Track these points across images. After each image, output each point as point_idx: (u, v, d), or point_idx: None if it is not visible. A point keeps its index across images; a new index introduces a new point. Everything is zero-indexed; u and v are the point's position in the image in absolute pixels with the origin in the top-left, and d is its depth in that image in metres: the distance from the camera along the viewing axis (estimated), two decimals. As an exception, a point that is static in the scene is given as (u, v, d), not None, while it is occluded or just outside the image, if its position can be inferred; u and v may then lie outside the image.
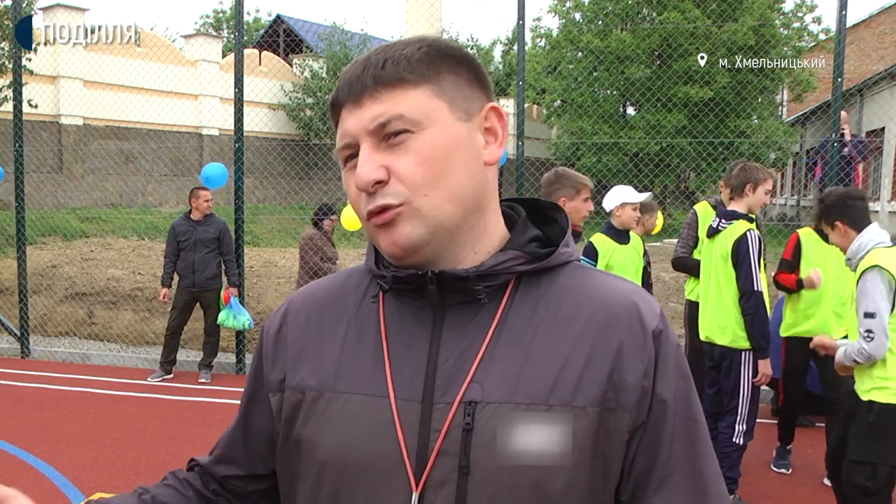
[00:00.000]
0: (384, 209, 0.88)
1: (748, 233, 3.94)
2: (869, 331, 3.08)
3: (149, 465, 4.73)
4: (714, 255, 4.12)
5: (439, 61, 0.91)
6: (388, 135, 0.88)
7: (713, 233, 4.16)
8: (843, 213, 3.35)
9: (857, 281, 3.21)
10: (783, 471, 4.74)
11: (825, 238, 4.48)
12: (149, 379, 6.99)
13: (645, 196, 4.47)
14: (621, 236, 4.31)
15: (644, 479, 0.91)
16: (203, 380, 6.93)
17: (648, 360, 0.90)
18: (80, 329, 8.97)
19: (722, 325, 4.04)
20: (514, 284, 0.94)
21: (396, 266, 0.94)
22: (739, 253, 3.93)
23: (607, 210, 4.55)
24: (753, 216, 4.13)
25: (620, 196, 4.42)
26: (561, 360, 0.89)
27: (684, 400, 0.92)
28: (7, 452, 4.93)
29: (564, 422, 0.86)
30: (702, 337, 4.22)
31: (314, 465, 0.94)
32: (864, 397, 3.19)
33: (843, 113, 6.37)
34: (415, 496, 0.87)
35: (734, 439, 4.00)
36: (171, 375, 7.07)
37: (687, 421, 0.92)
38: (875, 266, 3.13)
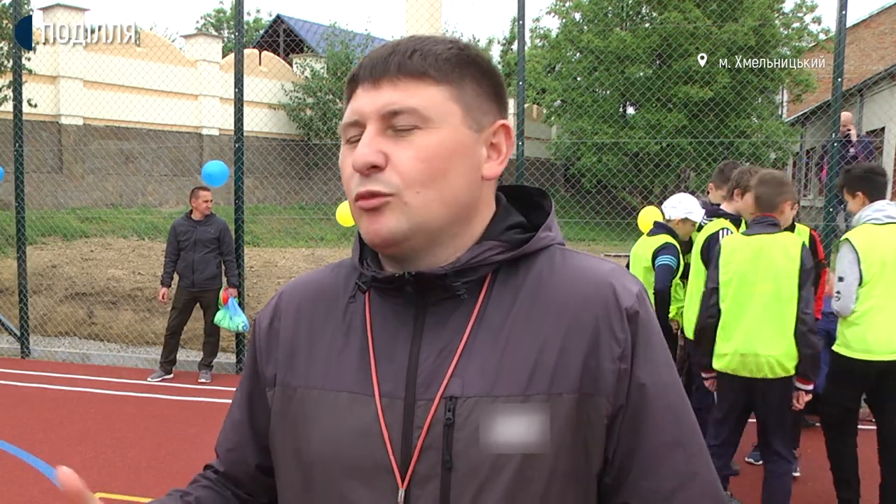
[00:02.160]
0: (373, 195, 0.88)
1: (721, 231, 3.97)
2: (838, 292, 3.71)
3: (149, 465, 4.73)
4: (694, 252, 4.17)
5: (466, 67, 0.92)
6: (396, 124, 0.88)
7: (699, 229, 4.27)
8: (865, 184, 3.83)
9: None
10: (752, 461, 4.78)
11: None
12: (149, 379, 6.99)
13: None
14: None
15: (628, 463, 0.91)
16: (203, 380, 6.93)
17: (624, 341, 0.89)
18: (80, 329, 8.97)
19: (690, 322, 4.04)
20: (492, 276, 0.94)
21: (378, 258, 0.96)
22: (710, 250, 3.94)
23: (668, 217, 4.63)
24: (742, 218, 4.15)
25: (685, 210, 4.49)
26: (537, 349, 0.89)
27: (665, 386, 0.92)
28: (7, 452, 4.94)
29: (543, 410, 0.87)
30: (687, 334, 4.26)
31: (303, 461, 0.95)
32: None
33: (846, 114, 6.37)
34: (401, 492, 0.88)
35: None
36: (171, 375, 7.06)
37: (671, 406, 0.92)
38: (846, 240, 3.73)
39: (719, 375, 3.64)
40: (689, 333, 4.12)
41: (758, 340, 3.43)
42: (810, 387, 3.48)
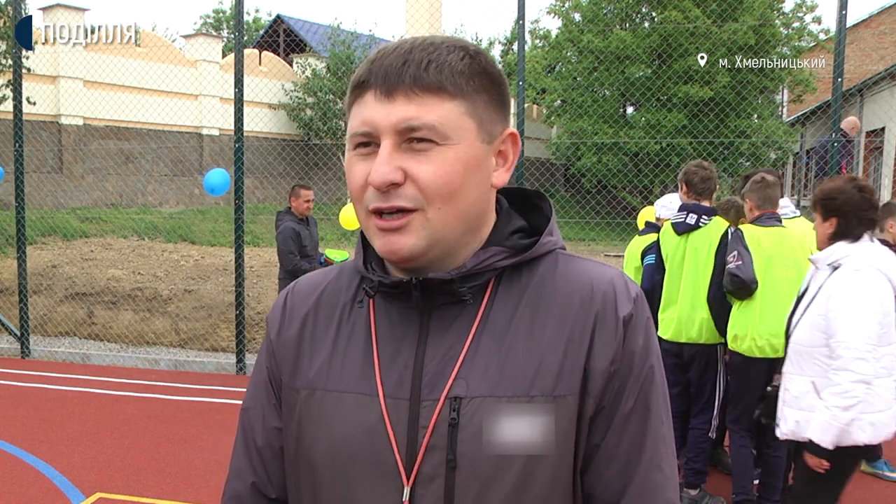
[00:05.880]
0: (398, 210, 0.88)
1: (729, 228, 4.00)
2: None
3: (149, 465, 4.73)
4: (691, 251, 4.05)
5: (479, 78, 0.91)
6: (413, 139, 0.87)
7: (689, 229, 4.05)
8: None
9: None
10: None
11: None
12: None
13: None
14: None
15: (594, 454, 0.93)
16: None
17: (617, 346, 0.92)
18: (80, 329, 8.98)
19: (702, 321, 3.96)
20: (495, 280, 0.95)
21: (382, 262, 0.97)
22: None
23: (658, 216, 4.65)
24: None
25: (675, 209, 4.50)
26: (540, 351, 0.91)
27: (641, 374, 0.93)
28: (7, 452, 4.94)
29: (547, 412, 0.89)
30: (667, 336, 4.07)
31: (310, 462, 0.96)
32: None
33: (853, 119, 6.38)
34: (406, 490, 0.90)
35: (710, 434, 4.01)
36: None
37: (645, 396, 0.93)
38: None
39: (744, 360, 3.67)
40: (692, 334, 4.07)
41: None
42: None
